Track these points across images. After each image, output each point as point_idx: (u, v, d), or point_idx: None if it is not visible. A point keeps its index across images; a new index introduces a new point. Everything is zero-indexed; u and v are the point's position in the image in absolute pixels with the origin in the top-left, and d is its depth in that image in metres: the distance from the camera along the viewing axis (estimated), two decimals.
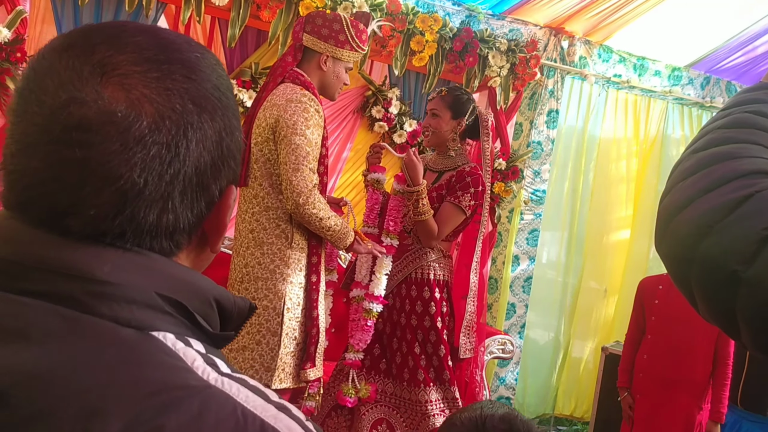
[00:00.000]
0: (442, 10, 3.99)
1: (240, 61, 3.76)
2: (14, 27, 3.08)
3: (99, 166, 0.53)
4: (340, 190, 4.09)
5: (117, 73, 0.55)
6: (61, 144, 0.53)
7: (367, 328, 2.59)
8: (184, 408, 0.50)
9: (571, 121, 4.73)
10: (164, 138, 0.55)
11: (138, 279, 0.55)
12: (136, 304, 0.54)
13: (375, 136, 4.18)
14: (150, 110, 0.55)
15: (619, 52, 4.64)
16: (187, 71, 0.59)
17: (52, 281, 0.53)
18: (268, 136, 2.39)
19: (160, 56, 0.58)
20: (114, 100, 0.54)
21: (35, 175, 0.55)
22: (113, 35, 0.58)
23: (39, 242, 0.54)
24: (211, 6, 3.39)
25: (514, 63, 4.11)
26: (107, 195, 0.54)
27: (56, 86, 0.54)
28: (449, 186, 2.74)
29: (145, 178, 0.55)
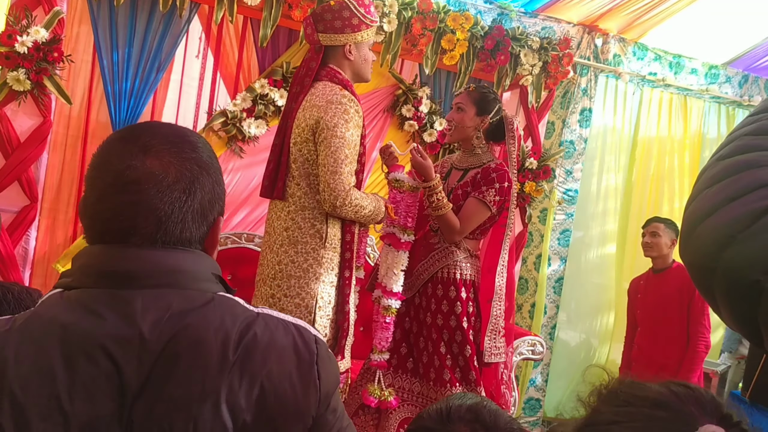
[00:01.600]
0: (474, 8, 3.97)
1: (271, 61, 3.78)
2: (51, 27, 3.15)
3: (145, 204, 0.91)
4: (370, 188, 4.09)
5: (153, 150, 0.93)
6: (123, 193, 0.91)
7: (386, 325, 2.58)
8: (257, 323, 0.95)
9: (604, 119, 4.66)
10: (182, 186, 0.94)
11: (200, 266, 0.97)
12: (207, 280, 0.97)
13: (405, 135, 4.17)
14: (173, 171, 0.93)
15: (654, 50, 4.56)
16: (192, 147, 0.97)
17: (156, 276, 0.92)
18: (307, 137, 2.40)
19: (176, 140, 0.97)
20: (152, 166, 0.92)
21: (109, 213, 0.92)
22: (149, 129, 0.98)
23: (135, 253, 0.92)
24: (243, 6, 3.42)
25: (546, 61, 4.07)
26: (152, 220, 0.92)
27: (118, 159, 0.92)
28: (474, 182, 2.72)
29: (171, 209, 0.93)
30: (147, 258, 0.92)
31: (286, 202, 2.46)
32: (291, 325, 0.99)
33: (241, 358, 0.90)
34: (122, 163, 0.91)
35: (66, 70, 3.27)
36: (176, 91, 3.70)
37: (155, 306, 0.90)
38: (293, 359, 0.95)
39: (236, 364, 0.90)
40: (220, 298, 0.95)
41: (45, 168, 3.36)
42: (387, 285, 2.60)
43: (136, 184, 0.90)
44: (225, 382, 0.88)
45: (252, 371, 0.90)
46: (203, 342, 0.89)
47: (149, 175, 0.91)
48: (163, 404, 0.86)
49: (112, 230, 0.92)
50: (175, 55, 3.61)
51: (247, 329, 0.93)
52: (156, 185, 0.91)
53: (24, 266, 3.35)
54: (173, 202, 0.92)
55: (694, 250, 0.75)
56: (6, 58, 3.08)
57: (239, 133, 3.69)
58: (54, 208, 3.49)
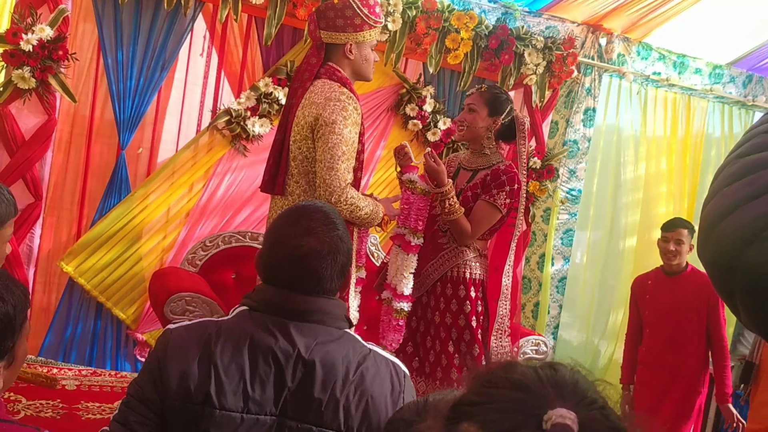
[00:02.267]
0: (478, 7, 3.97)
1: (276, 59, 3.78)
2: (56, 25, 3.15)
3: (311, 269, 1.38)
4: (373, 187, 4.10)
5: (312, 233, 1.39)
6: (295, 263, 1.38)
7: (399, 327, 2.58)
8: (369, 357, 1.39)
9: (608, 119, 4.66)
10: (331, 256, 1.40)
11: (338, 310, 1.43)
12: (341, 320, 1.43)
13: (409, 134, 4.17)
14: (326, 246, 1.39)
15: (658, 50, 4.55)
16: (335, 226, 1.43)
17: (311, 315, 1.38)
18: (306, 135, 2.39)
19: (326, 221, 1.42)
20: (313, 244, 1.38)
21: (287, 274, 1.39)
22: (307, 215, 1.43)
23: (300, 298, 1.39)
24: (248, 4, 3.43)
25: (550, 61, 4.06)
26: (313, 279, 1.39)
27: (288, 239, 1.39)
28: (484, 184, 2.71)
29: (324, 272, 1.39)
30: (307, 302, 1.40)
31: (286, 200, 2.46)
32: (390, 362, 1.45)
33: (357, 379, 1.36)
34: (292, 242, 1.39)
35: (71, 68, 3.27)
36: (180, 90, 3.70)
37: (309, 334, 1.37)
38: (389, 387, 1.40)
39: (353, 382, 1.36)
40: (347, 335, 1.43)
41: (49, 166, 3.36)
42: (397, 288, 2.59)
43: (305, 257, 1.39)
44: (344, 394, 1.34)
45: (362, 389, 1.36)
46: (335, 364, 1.36)
47: (311, 251, 1.39)
48: (305, 399, 1.34)
49: (288, 282, 1.40)
50: (179, 53, 3.62)
51: (363, 360, 1.39)
52: (316, 257, 1.39)
53: (28, 264, 3.36)
54: (327, 267, 1.40)
55: (714, 249, 0.74)
56: (11, 56, 3.09)
57: (243, 131, 3.69)
58: (58, 206, 3.50)
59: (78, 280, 3.48)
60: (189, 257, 3.07)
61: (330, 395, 1.34)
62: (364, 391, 1.36)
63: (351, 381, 1.35)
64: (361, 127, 2.42)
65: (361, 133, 2.43)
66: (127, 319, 3.60)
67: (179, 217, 3.69)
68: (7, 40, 3.08)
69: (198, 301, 2.64)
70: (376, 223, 2.48)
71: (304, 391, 1.33)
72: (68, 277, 3.50)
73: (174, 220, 3.69)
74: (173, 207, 3.68)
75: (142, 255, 3.63)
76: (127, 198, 3.57)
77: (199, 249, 3.07)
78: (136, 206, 3.58)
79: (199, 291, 2.67)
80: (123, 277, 3.58)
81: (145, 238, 3.63)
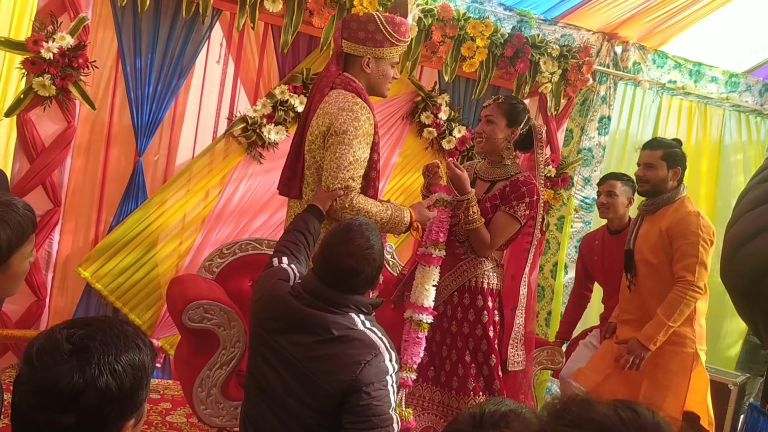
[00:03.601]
0: (494, 15, 3.97)
1: (292, 67, 3.80)
2: (77, 33, 3.18)
3: (349, 280, 1.91)
4: (389, 194, 4.11)
5: (353, 256, 1.93)
6: (340, 275, 1.92)
7: (418, 340, 2.57)
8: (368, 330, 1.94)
9: (623, 127, 4.65)
10: (367, 272, 1.92)
11: (366, 302, 1.97)
12: (367, 312, 1.98)
13: (424, 142, 4.18)
14: (365, 266, 1.91)
15: (674, 58, 4.54)
16: (371, 250, 1.94)
17: (346, 306, 1.91)
18: (320, 144, 2.41)
19: (365, 245, 1.93)
20: (352, 263, 1.91)
21: (333, 279, 1.91)
22: (349, 240, 1.94)
23: (336, 294, 1.92)
24: (265, 12, 3.45)
25: (566, 69, 4.07)
26: (351, 284, 1.92)
27: (335, 260, 1.93)
28: (503, 195, 2.71)
29: (361, 282, 1.92)
30: (346, 298, 1.91)
31: (303, 206, 2.47)
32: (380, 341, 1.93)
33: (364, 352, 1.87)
34: (336, 261, 1.90)
35: (90, 75, 3.30)
36: (197, 97, 3.73)
37: (341, 320, 1.88)
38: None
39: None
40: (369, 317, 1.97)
41: (68, 172, 3.39)
42: (418, 300, 2.59)
43: (346, 273, 1.89)
44: (364, 360, 1.82)
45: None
46: (357, 338, 1.87)
47: (351, 269, 1.89)
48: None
49: (334, 283, 1.91)
50: (196, 60, 3.64)
51: (371, 334, 1.90)
52: (355, 273, 1.90)
53: (47, 269, 3.39)
54: (364, 279, 1.91)
55: (737, 273, 0.75)
56: (32, 63, 3.12)
57: (259, 138, 3.71)
58: (76, 211, 3.53)
59: (95, 285, 3.51)
60: (206, 264, 3.08)
61: (351, 359, 1.82)
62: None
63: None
64: (375, 137, 2.43)
65: (375, 142, 2.43)
66: (143, 325, 3.62)
67: (195, 223, 3.71)
68: (28, 48, 3.11)
69: (216, 308, 2.65)
70: (401, 229, 2.46)
71: (328, 351, 1.85)
72: (85, 283, 3.53)
73: (190, 226, 3.71)
74: (189, 213, 3.70)
75: (158, 261, 3.65)
76: (144, 204, 3.59)
77: (216, 256, 3.08)
78: (153, 212, 3.61)
79: (216, 299, 2.68)
80: (139, 282, 3.61)
81: (162, 244, 3.65)
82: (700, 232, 2.85)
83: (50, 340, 1.09)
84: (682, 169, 3.06)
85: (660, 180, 3.04)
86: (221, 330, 2.67)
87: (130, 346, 1.12)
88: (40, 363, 1.07)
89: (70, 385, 1.04)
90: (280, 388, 1.88)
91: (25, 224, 1.44)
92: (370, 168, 2.42)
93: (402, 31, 2.49)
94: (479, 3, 3.95)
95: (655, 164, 3.04)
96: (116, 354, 1.09)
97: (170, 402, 3.50)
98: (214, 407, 2.70)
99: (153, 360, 1.18)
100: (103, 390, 1.06)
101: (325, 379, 1.82)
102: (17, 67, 3.22)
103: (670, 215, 2.98)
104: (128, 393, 1.10)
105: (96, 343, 1.09)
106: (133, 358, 1.11)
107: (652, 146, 3.12)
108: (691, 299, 2.83)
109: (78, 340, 1.09)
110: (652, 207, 3.07)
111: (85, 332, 1.10)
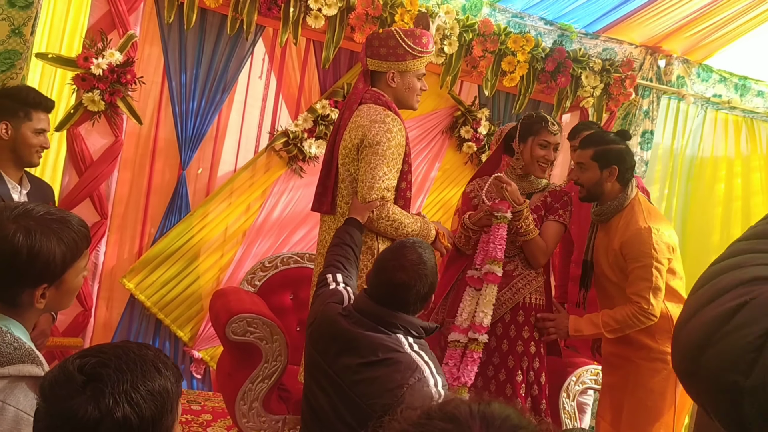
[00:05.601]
0: (534, 30, 3.95)
1: (332, 82, 3.84)
2: (125, 50, 3.26)
3: (400, 296, 1.90)
4: (427, 209, 4.10)
5: (404, 270, 1.91)
6: (392, 289, 1.91)
7: (475, 360, 2.52)
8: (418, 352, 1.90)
9: (667, 142, 4.57)
10: (418, 289, 1.90)
11: (416, 324, 1.93)
12: (418, 335, 1.93)
13: (463, 157, 4.17)
14: (417, 282, 1.89)
15: (719, 72, 4.46)
16: (424, 266, 1.91)
17: (395, 325, 1.88)
18: (353, 157, 2.44)
19: (417, 260, 1.92)
20: (404, 278, 1.89)
21: (385, 295, 1.91)
22: (403, 254, 1.95)
23: (386, 311, 1.90)
24: (307, 29, 3.49)
25: (608, 83, 4.02)
26: (403, 301, 1.91)
27: (388, 273, 1.92)
28: (547, 206, 2.74)
29: (411, 298, 1.92)
30: (396, 316, 1.89)
31: (338, 222, 2.49)
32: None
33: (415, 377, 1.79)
34: (387, 276, 1.90)
35: (137, 90, 3.38)
36: (240, 112, 3.78)
37: (387, 341, 1.84)
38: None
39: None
40: (420, 341, 1.91)
41: (115, 185, 3.46)
42: (477, 320, 2.54)
43: (397, 288, 1.88)
44: (407, 383, 1.74)
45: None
46: (402, 361, 1.80)
47: (402, 284, 1.88)
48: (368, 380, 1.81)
49: (385, 299, 1.90)
50: (239, 76, 3.70)
51: (417, 358, 1.83)
52: (406, 288, 1.88)
53: (93, 280, 3.46)
54: (415, 295, 1.89)
55: (678, 355, 0.77)
56: (82, 79, 3.20)
57: (300, 152, 3.74)
58: (122, 224, 3.60)
59: (139, 296, 3.57)
60: (248, 277, 3.11)
61: (397, 383, 1.75)
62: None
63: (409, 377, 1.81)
64: (406, 148, 2.45)
65: (407, 153, 2.45)
66: (185, 337, 3.67)
67: (236, 236, 3.76)
68: (79, 65, 3.19)
69: (258, 322, 2.67)
70: (428, 242, 2.45)
71: (372, 372, 1.81)
72: (129, 294, 3.59)
73: (231, 239, 3.75)
74: (231, 226, 3.75)
75: (199, 273, 3.70)
76: (186, 217, 3.65)
77: (258, 269, 3.12)
78: (195, 225, 3.66)
79: (259, 312, 2.71)
80: (181, 294, 3.66)
81: (203, 257, 3.70)
82: (654, 252, 2.52)
83: (63, 372, 1.05)
84: (620, 169, 2.64)
85: (593, 184, 2.65)
86: (264, 343, 2.69)
87: (148, 371, 1.06)
88: (54, 397, 1.03)
89: (85, 417, 1.00)
90: (331, 412, 1.86)
91: (79, 241, 1.45)
92: (400, 178, 2.45)
93: (423, 42, 2.52)
94: (520, 18, 3.93)
95: (586, 165, 2.66)
96: (133, 381, 1.04)
97: (211, 413, 3.53)
98: (256, 420, 2.72)
99: (177, 383, 1.12)
100: (120, 421, 1.01)
101: (369, 403, 1.77)
102: (68, 83, 3.31)
103: (621, 230, 2.63)
104: (150, 422, 1.04)
105: (110, 371, 1.03)
106: (152, 385, 1.05)
107: (584, 144, 2.73)
108: (638, 324, 2.54)
109: (91, 370, 1.04)
110: (603, 216, 2.71)
111: (98, 360, 1.05)
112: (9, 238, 1.34)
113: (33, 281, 1.39)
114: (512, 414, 0.77)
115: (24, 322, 1.43)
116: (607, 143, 2.67)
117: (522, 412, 0.78)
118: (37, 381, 1.33)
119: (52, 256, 1.38)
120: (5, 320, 1.39)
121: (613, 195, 2.65)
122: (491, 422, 0.74)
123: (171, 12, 3.35)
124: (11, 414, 1.29)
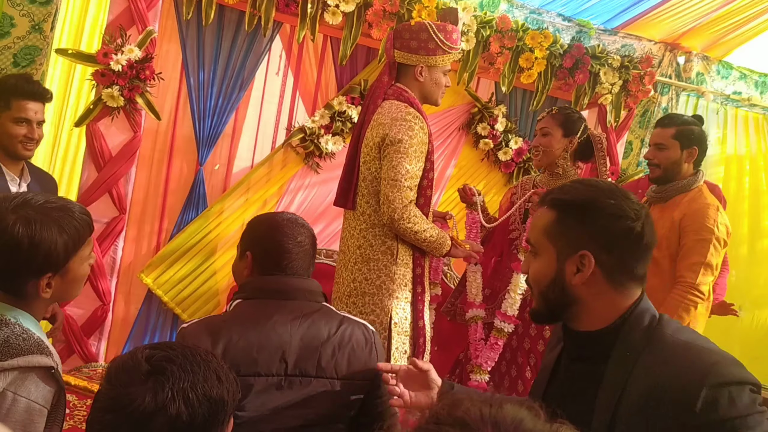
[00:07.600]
0: (552, 26, 3.93)
1: (349, 78, 3.83)
2: (144, 46, 3.28)
3: (297, 260, 1.69)
4: (444, 205, 4.09)
5: (298, 235, 1.71)
6: (288, 255, 1.69)
7: (497, 347, 2.55)
8: (345, 321, 1.70)
9: None
10: (307, 248, 1.72)
11: (315, 287, 1.72)
12: (319, 294, 1.72)
13: (480, 153, 4.16)
14: (306, 240, 1.72)
15: (739, 69, 4.41)
16: (309, 229, 1.76)
17: (295, 293, 1.68)
18: (375, 155, 2.43)
19: (302, 222, 1.77)
20: (302, 242, 1.73)
21: (277, 263, 1.68)
22: (293, 224, 1.76)
23: (282, 280, 1.69)
24: (325, 25, 3.49)
25: (626, 80, 3.99)
26: (296, 265, 1.71)
27: (283, 239, 1.70)
28: None
29: (305, 261, 1.73)
30: (291, 282, 1.69)
31: (358, 220, 2.48)
32: (360, 323, 1.74)
33: (338, 338, 1.65)
34: (286, 240, 1.69)
35: (155, 87, 3.40)
36: (257, 108, 3.79)
37: (297, 309, 1.65)
38: (363, 340, 1.69)
39: (335, 340, 1.65)
40: (324, 307, 1.71)
41: (133, 181, 3.48)
42: (503, 307, 2.56)
43: (291, 253, 1.68)
44: (329, 349, 1.63)
45: (342, 344, 1.65)
46: (319, 329, 1.64)
47: (298, 245, 1.70)
48: (307, 354, 1.61)
49: (277, 268, 1.68)
50: (256, 73, 3.71)
51: (341, 323, 1.68)
52: (300, 251, 1.70)
53: (111, 274, 3.48)
54: (306, 257, 1.71)
55: None
56: (101, 75, 3.22)
57: (317, 149, 3.75)
58: (140, 219, 3.62)
59: (156, 291, 3.58)
60: None
61: (318, 351, 1.61)
62: (344, 345, 1.66)
63: (334, 340, 1.65)
64: (429, 146, 2.43)
65: (429, 151, 2.44)
66: None
67: None
68: (98, 60, 3.21)
69: None
70: (443, 251, 2.45)
71: (304, 347, 1.61)
72: (147, 289, 3.61)
73: None
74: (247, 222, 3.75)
75: (216, 269, 3.71)
76: (203, 213, 3.66)
77: None
78: (212, 221, 3.67)
79: None
80: (198, 290, 3.67)
81: (220, 252, 3.71)
82: (716, 230, 2.48)
83: (132, 359, 1.07)
84: (699, 151, 2.65)
85: (672, 163, 2.64)
86: None
87: (209, 377, 1.07)
88: (117, 381, 1.05)
89: (141, 407, 1.01)
90: None
91: (81, 228, 1.44)
92: (422, 177, 2.43)
93: (454, 38, 2.50)
94: (538, 14, 3.91)
95: (667, 144, 2.64)
96: (193, 382, 1.05)
97: None
98: None
99: (234, 398, 1.12)
100: (173, 417, 1.02)
101: None
102: (88, 79, 3.33)
103: (685, 205, 2.59)
104: (201, 426, 1.04)
105: (174, 367, 1.05)
106: (210, 390, 1.06)
107: (664, 124, 2.71)
108: (690, 303, 2.48)
109: (157, 362, 1.06)
110: (664, 195, 2.67)
111: (165, 355, 1.08)
112: (9, 229, 1.33)
113: (36, 271, 1.39)
114: (526, 417, 0.73)
115: (32, 312, 1.43)
116: (689, 124, 2.65)
117: (537, 415, 0.75)
118: (47, 371, 1.34)
119: (54, 245, 1.37)
120: (14, 311, 1.39)
121: (685, 177, 2.64)
122: (503, 427, 0.72)
123: (189, 8, 3.36)
124: (23, 405, 1.30)
